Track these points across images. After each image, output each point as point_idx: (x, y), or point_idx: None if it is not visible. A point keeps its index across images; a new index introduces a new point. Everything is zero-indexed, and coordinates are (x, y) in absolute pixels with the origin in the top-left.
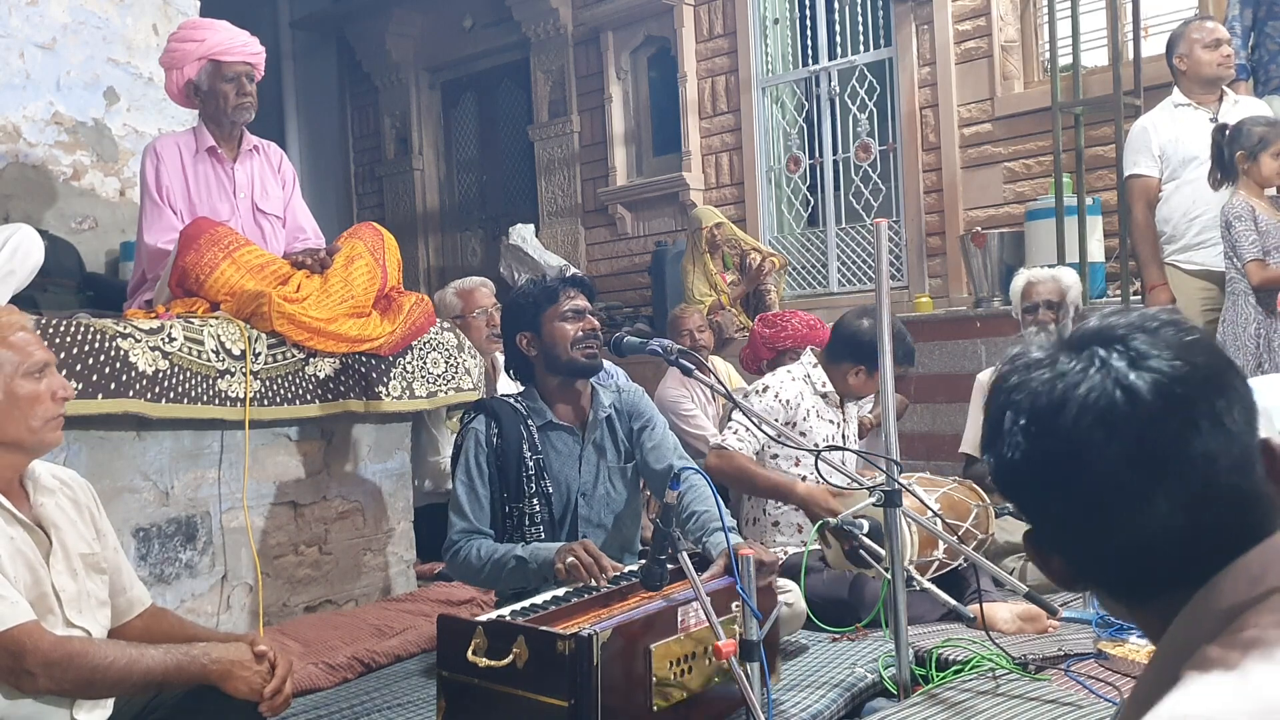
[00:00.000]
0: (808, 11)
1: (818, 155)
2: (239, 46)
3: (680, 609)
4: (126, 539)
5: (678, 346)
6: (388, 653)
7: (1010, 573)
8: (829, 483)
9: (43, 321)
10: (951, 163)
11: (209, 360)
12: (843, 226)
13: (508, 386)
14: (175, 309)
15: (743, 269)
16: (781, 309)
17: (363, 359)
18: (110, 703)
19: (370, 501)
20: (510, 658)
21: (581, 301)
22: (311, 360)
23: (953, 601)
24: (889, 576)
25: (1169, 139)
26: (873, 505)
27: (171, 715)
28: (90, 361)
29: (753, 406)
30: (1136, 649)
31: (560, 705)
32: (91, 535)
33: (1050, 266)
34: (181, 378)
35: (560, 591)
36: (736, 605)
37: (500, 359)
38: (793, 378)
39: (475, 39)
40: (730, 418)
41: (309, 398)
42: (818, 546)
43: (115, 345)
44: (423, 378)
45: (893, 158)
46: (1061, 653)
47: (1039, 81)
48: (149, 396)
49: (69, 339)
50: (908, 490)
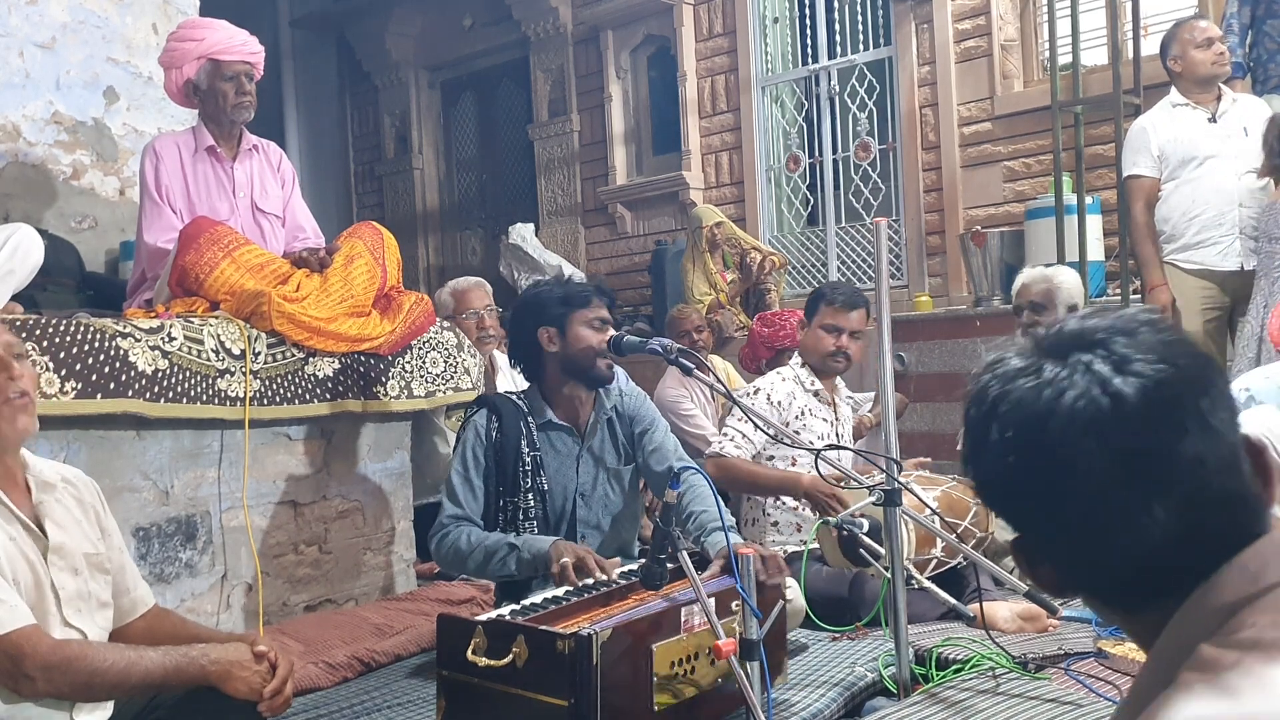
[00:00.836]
0: (807, 11)
1: (817, 154)
2: (238, 46)
3: (684, 609)
4: (126, 538)
5: (677, 346)
6: (387, 652)
7: (1010, 571)
8: (829, 480)
9: (42, 321)
10: (951, 162)
11: (209, 360)
12: (842, 226)
13: (507, 386)
14: (175, 308)
15: (743, 268)
16: (781, 308)
17: (362, 358)
18: (110, 704)
19: (370, 501)
20: (510, 657)
21: (606, 314)
22: (311, 360)
23: (952, 600)
24: (888, 575)
25: (1168, 139)
26: (872, 504)
27: (171, 715)
28: (90, 361)
29: (742, 414)
30: (1136, 648)
31: (560, 705)
32: (96, 535)
33: (1048, 266)
34: (181, 377)
35: (560, 591)
36: (737, 605)
37: (498, 357)
38: (783, 379)
39: (475, 38)
40: (725, 423)
41: (309, 397)
42: (817, 545)
43: (115, 345)
44: (422, 377)
45: (892, 157)
46: (1061, 651)
47: (1039, 80)
48: (148, 396)
49: (68, 338)
50: (907, 489)
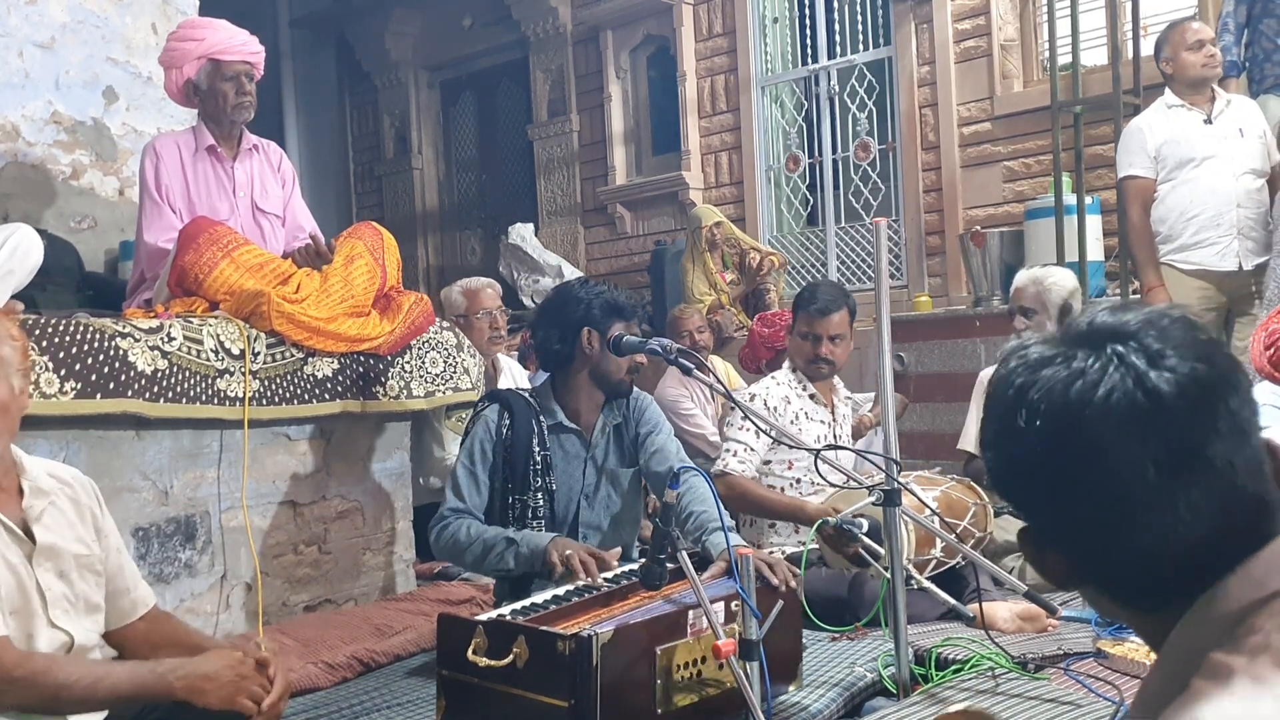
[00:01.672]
0: (807, 11)
1: (817, 154)
2: (238, 46)
3: (691, 612)
4: (126, 539)
5: (677, 346)
6: (387, 652)
7: (1009, 571)
8: (828, 482)
9: (42, 321)
10: (951, 162)
11: (208, 360)
12: (842, 226)
13: (508, 388)
14: (174, 308)
15: (742, 268)
16: (781, 308)
17: (362, 358)
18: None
19: (370, 501)
20: (510, 657)
21: (639, 334)
22: (310, 360)
23: (952, 600)
24: (888, 575)
25: (1164, 140)
26: (872, 505)
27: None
28: (89, 361)
29: (742, 423)
30: (1136, 648)
31: (560, 705)
32: (91, 536)
33: (1042, 267)
34: (180, 377)
35: (560, 591)
36: (737, 605)
37: (501, 359)
38: (777, 383)
39: (474, 38)
40: (725, 435)
41: (308, 397)
42: (816, 546)
43: (114, 345)
44: (421, 377)
45: (892, 157)
46: (1061, 652)
47: (1038, 80)
48: (148, 396)
49: (68, 338)
50: (906, 489)
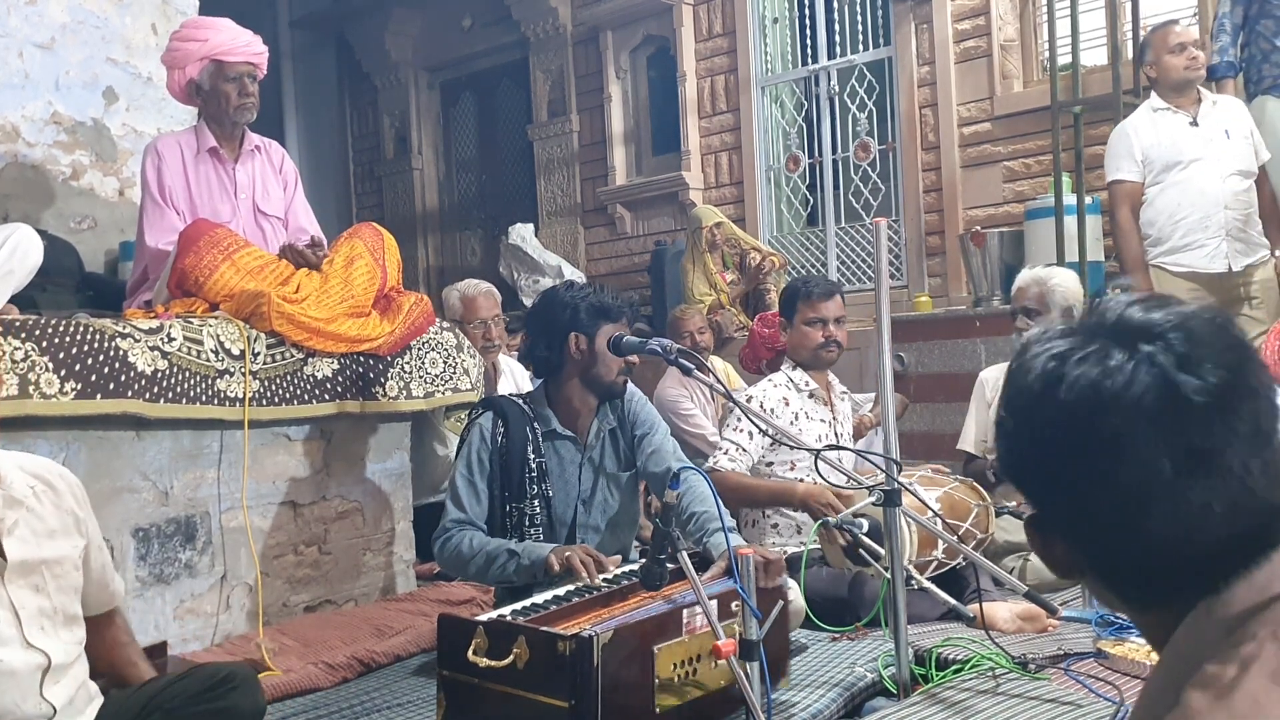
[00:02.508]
0: (807, 11)
1: (817, 154)
2: (241, 46)
3: (685, 611)
4: (126, 539)
5: (677, 346)
6: (387, 652)
7: (1010, 572)
8: (828, 482)
9: (42, 321)
10: (951, 162)
11: (208, 360)
12: (842, 226)
13: (507, 389)
14: (174, 309)
15: (742, 268)
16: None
17: (361, 359)
18: (94, 707)
19: (370, 501)
20: (511, 658)
21: (629, 334)
22: (310, 360)
23: (952, 601)
24: (888, 575)
25: (1151, 143)
26: (872, 504)
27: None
28: (89, 361)
29: (738, 424)
30: (1136, 648)
31: (560, 706)
32: (71, 537)
33: (1045, 267)
34: (180, 378)
35: (561, 591)
36: (737, 605)
37: (502, 361)
38: (774, 385)
39: (474, 38)
40: (721, 436)
41: (308, 398)
42: (817, 546)
43: (114, 345)
44: (420, 378)
45: (892, 157)
46: (1061, 652)
47: (1038, 81)
48: (148, 396)
49: (68, 339)
50: (907, 489)
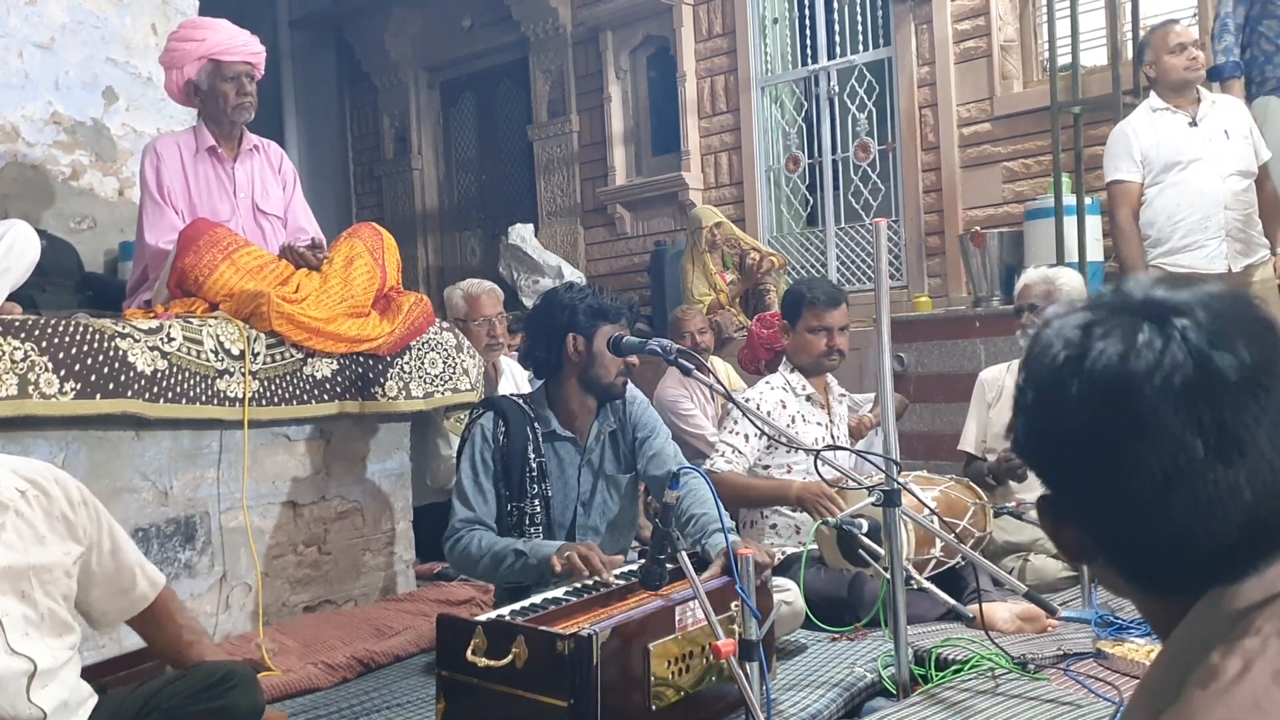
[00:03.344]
0: (807, 11)
1: (817, 155)
2: (239, 46)
3: (678, 608)
4: None
5: (677, 346)
6: (387, 652)
7: (1009, 572)
8: (828, 483)
9: (41, 321)
10: (951, 162)
11: (208, 360)
12: (842, 226)
13: (508, 389)
14: (174, 309)
15: (742, 268)
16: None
17: (361, 359)
18: (89, 706)
19: (369, 501)
20: (510, 657)
21: (628, 333)
22: (310, 360)
23: (952, 601)
24: (888, 576)
25: (1150, 144)
26: (871, 505)
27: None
28: (89, 361)
29: (734, 426)
30: (1136, 648)
31: (560, 705)
32: (63, 542)
33: (1051, 267)
34: (180, 378)
35: (560, 591)
36: (735, 604)
37: (503, 361)
38: (771, 387)
39: (474, 38)
40: (720, 437)
41: (307, 398)
42: (816, 546)
43: (114, 345)
44: (420, 378)
45: (892, 157)
46: (1061, 652)
47: (1038, 81)
48: (147, 396)
49: (67, 339)
50: (905, 489)
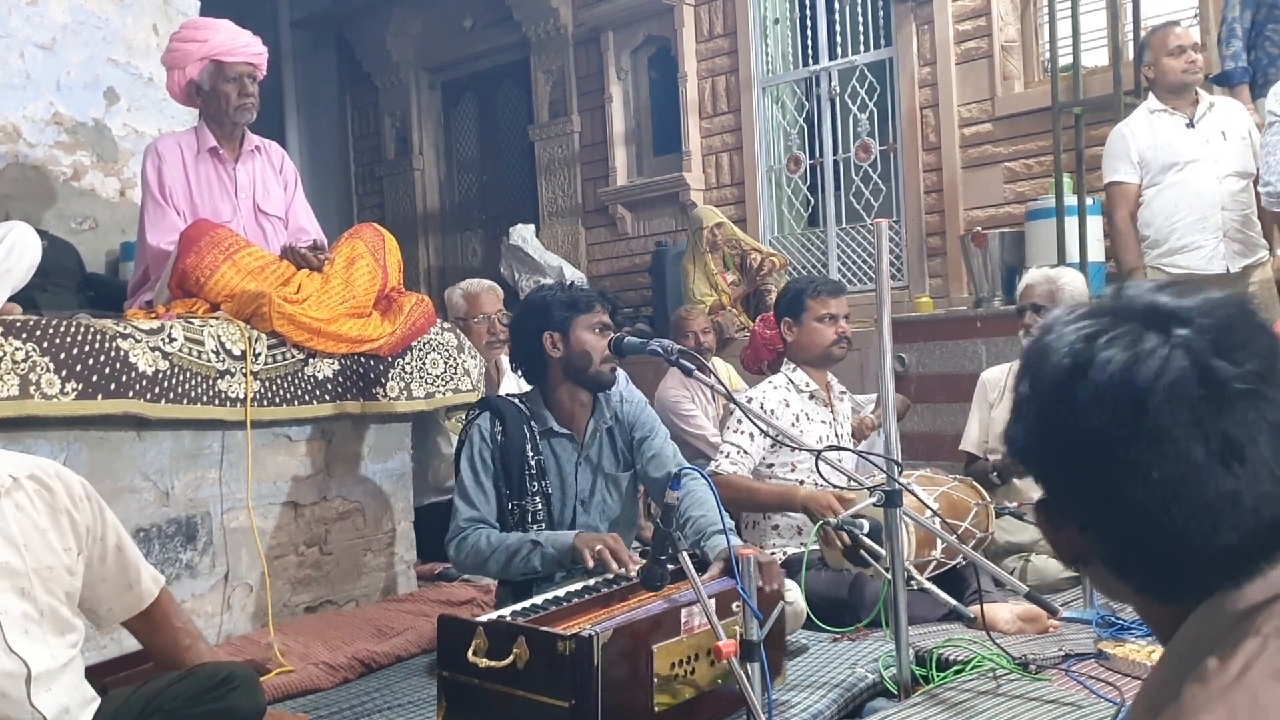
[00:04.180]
0: (808, 11)
1: (818, 155)
2: (241, 47)
3: (684, 610)
4: None
5: (678, 347)
6: (388, 653)
7: (1011, 573)
8: (829, 483)
9: (43, 322)
10: (952, 162)
11: (209, 361)
12: (843, 226)
13: (509, 390)
14: (175, 309)
15: (743, 269)
16: None
17: (362, 359)
18: (91, 709)
19: (370, 502)
20: (511, 658)
21: (608, 319)
22: (311, 361)
23: (953, 601)
24: (889, 576)
25: (1147, 145)
26: (873, 505)
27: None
28: (90, 362)
29: (739, 426)
30: (1137, 649)
31: (561, 706)
32: (65, 541)
33: (1053, 267)
34: (181, 378)
35: (561, 592)
36: (737, 605)
37: (505, 361)
38: (774, 386)
39: (475, 39)
40: (723, 438)
41: (309, 398)
42: (817, 547)
43: (115, 345)
44: (421, 378)
45: (893, 157)
46: (1062, 653)
47: (1039, 81)
48: (149, 397)
49: (69, 339)
50: (907, 490)
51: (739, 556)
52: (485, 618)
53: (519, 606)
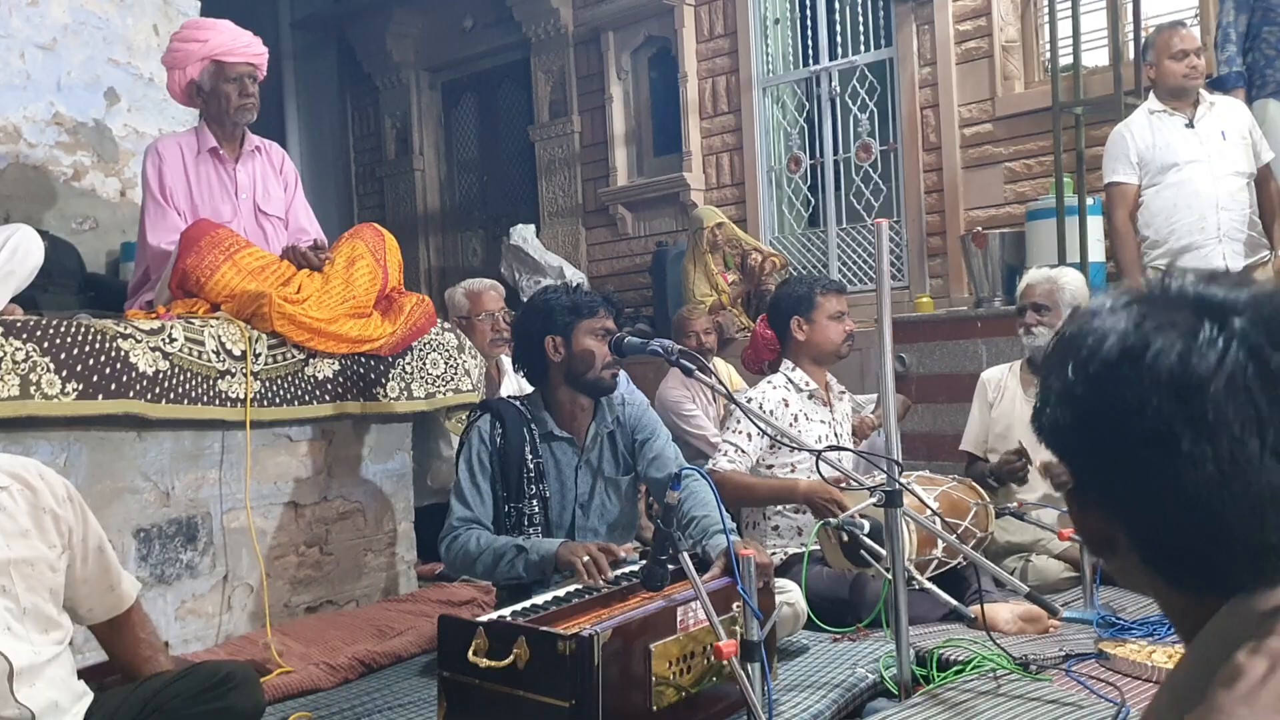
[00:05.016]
0: (808, 11)
1: (818, 155)
2: (242, 47)
3: (680, 609)
4: (127, 540)
5: (678, 347)
6: (389, 653)
7: (1011, 573)
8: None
9: (43, 322)
10: (952, 163)
11: (209, 361)
12: (843, 227)
13: (510, 390)
14: (176, 309)
15: (744, 269)
16: None
17: (362, 360)
18: (83, 705)
19: (371, 502)
20: (511, 658)
21: (611, 324)
22: (311, 361)
23: (954, 602)
24: (889, 576)
25: (1146, 145)
26: (873, 505)
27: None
28: (90, 362)
29: (737, 425)
30: (1137, 649)
31: (561, 705)
32: (48, 539)
33: (1053, 267)
34: (182, 378)
35: (561, 592)
36: (737, 605)
37: (505, 362)
38: (773, 386)
39: (476, 39)
40: (722, 437)
41: (309, 399)
42: (818, 547)
43: (116, 346)
44: (422, 379)
45: (893, 158)
46: (1062, 653)
47: (1039, 81)
48: (149, 397)
49: (69, 339)
50: (907, 489)
51: (739, 556)
52: (486, 618)
53: (519, 606)
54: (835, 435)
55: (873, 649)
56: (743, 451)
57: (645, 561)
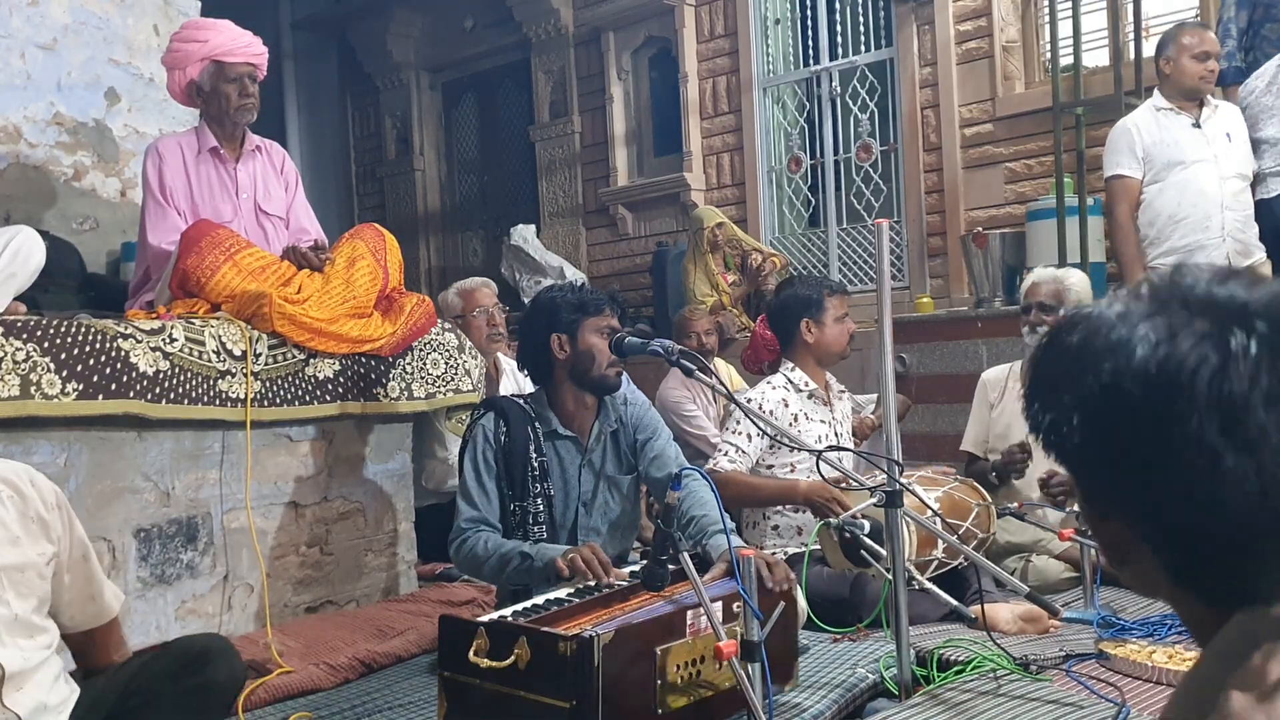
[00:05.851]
0: (809, 12)
1: (819, 155)
2: (242, 47)
3: (690, 612)
4: (127, 540)
5: (679, 347)
6: (389, 653)
7: (1012, 573)
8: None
9: (44, 322)
10: (953, 163)
11: (210, 361)
12: (844, 227)
13: (511, 389)
14: (176, 309)
15: (744, 269)
16: None
17: (363, 360)
18: (70, 703)
19: (371, 502)
20: (512, 658)
21: (616, 323)
22: (312, 361)
23: (954, 602)
24: (889, 576)
25: (1152, 141)
26: (874, 505)
27: (149, 701)
28: (91, 362)
29: (737, 426)
30: (1138, 649)
31: (562, 706)
32: (36, 544)
33: (1058, 267)
34: (182, 378)
35: (562, 593)
36: (738, 606)
37: (503, 360)
38: (772, 387)
39: (476, 39)
40: (722, 437)
41: (309, 399)
42: (818, 547)
43: (116, 346)
44: (422, 379)
45: (894, 158)
46: (1063, 653)
47: (1040, 82)
48: (150, 397)
49: (70, 340)
50: (908, 489)
51: (740, 557)
52: (486, 618)
53: (520, 607)
54: (835, 435)
55: (873, 649)
56: (743, 452)
57: (646, 562)
